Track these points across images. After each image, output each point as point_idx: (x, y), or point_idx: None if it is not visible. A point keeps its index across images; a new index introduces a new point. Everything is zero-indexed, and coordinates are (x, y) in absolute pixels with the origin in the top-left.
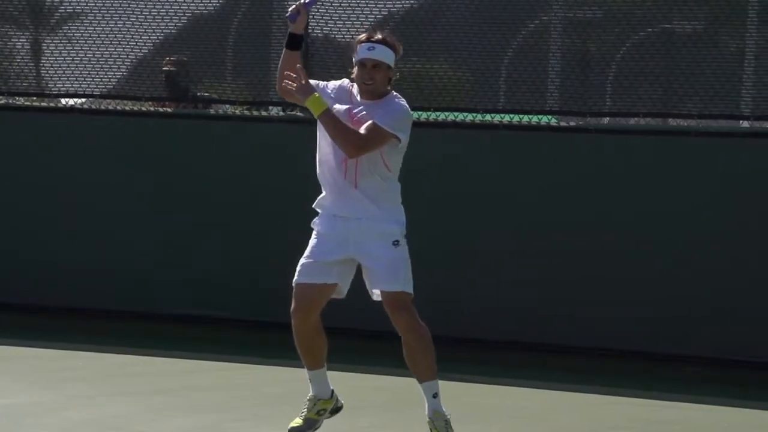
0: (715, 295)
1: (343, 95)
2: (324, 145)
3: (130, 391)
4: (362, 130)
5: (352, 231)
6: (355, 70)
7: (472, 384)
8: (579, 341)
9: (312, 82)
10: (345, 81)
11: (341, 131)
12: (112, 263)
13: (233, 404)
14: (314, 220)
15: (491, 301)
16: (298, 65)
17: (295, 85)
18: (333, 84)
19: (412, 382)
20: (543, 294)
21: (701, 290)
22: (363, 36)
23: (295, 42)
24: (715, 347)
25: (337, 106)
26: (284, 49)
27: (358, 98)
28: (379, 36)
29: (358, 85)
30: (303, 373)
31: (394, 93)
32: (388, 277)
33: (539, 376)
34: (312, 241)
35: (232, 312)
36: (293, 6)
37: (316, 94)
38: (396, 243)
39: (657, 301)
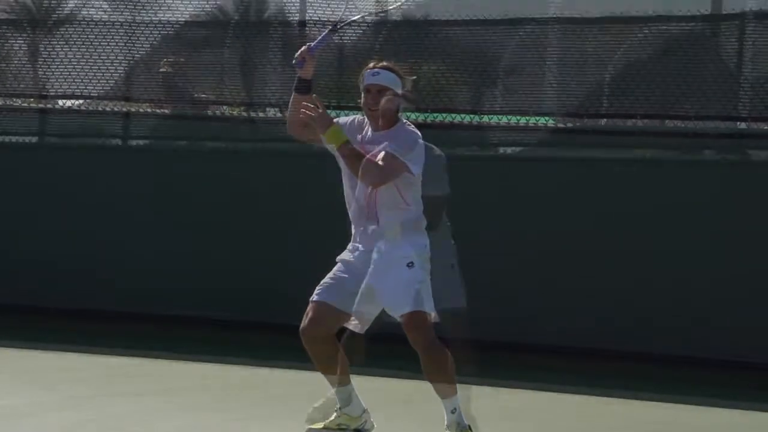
0: (714, 295)
1: (354, 129)
2: (346, 185)
3: (129, 391)
4: (379, 160)
5: (370, 262)
6: (362, 97)
7: (472, 384)
8: (578, 341)
9: None
10: (358, 117)
11: (361, 162)
12: (112, 263)
13: (233, 404)
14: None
15: (492, 301)
16: (314, 95)
17: (313, 114)
18: (344, 119)
19: (403, 383)
20: (543, 294)
21: (700, 290)
22: (369, 65)
23: (304, 86)
24: (714, 347)
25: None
26: (293, 93)
27: (369, 132)
28: (384, 63)
29: (365, 113)
30: (303, 375)
31: (405, 121)
32: (402, 300)
33: (538, 376)
34: (335, 267)
35: (232, 312)
36: (298, 52)
37: (336, 126)
38: (410, 264)
39: (657, 301)
